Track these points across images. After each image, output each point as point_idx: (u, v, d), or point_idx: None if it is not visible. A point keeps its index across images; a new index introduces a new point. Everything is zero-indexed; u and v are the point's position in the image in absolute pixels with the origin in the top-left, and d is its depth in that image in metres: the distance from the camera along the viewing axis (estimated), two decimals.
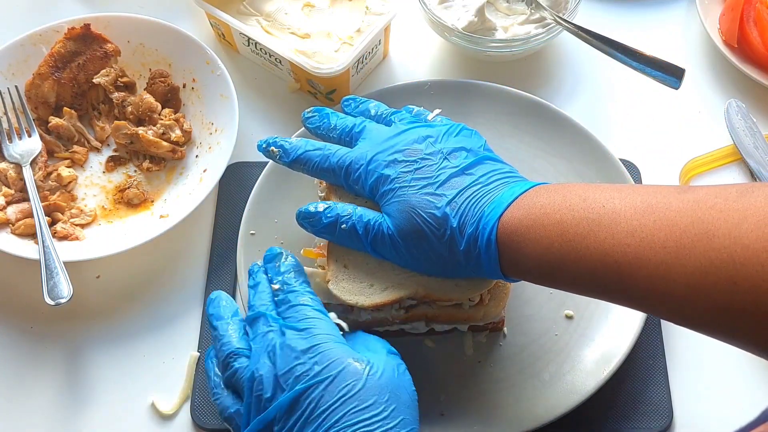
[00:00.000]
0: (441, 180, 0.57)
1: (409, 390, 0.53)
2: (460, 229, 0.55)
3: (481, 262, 0.55)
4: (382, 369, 0.52)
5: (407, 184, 0.57)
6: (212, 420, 0.65)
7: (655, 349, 0.68)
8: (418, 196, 0.56)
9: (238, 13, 0.82)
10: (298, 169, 0.64)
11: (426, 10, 0.81)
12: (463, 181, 0.57)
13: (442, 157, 0.58)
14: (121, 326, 0.71)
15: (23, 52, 0.81)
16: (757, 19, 0.82)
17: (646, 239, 0.47)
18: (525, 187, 0.55)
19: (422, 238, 0.56)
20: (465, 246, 0.55)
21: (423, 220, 0.56)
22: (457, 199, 0.55)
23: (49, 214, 0.74)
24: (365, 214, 0.59)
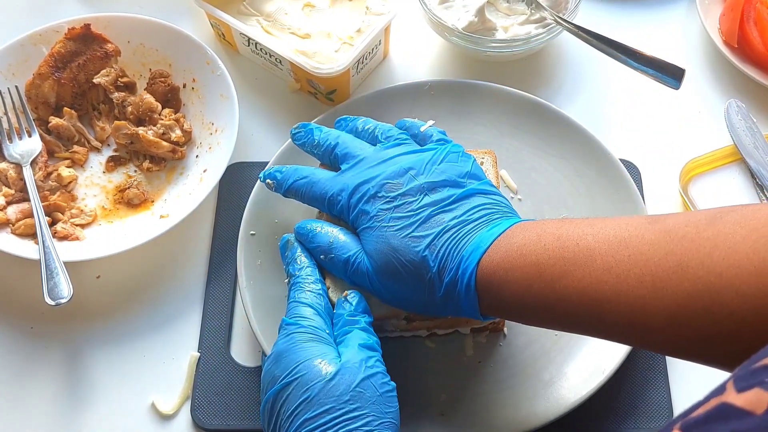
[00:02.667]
0: (421, 218, 0.56)
1: (377, 383, 0.53)
2: (440, 275, 0.54)
3: (461, 305, 0.54)
4: (346, 369, 0.52)
5: (386, 224, 0.57)
6: (212, 420, 0.65)
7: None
8: (397, 239, 0.56)
9: (238, 13, 0.82)
10: (293, 197, 0.65)
11: (426, 10, 0.81)
12: (443, 218, 0.56)
13: (423, 194, 0.57)
14: (121, 326, 0.71)
15: (23, 52, 0.81)
16: (757, 19, 0.82)
17: (623, 275, 0.47)
18: (503, 227, 0.55)
19: (401, 281, 0.56)
20: (444, 291, 0.55)
21: (401, 264, 0.55)
22: (436, 242, 0.55)
23: (49, 214, 0.74)
24: (347, 246, 0.59)
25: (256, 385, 0.67)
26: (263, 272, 0.69)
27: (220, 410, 0.66)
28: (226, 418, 0.65)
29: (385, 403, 0.52)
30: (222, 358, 0.68)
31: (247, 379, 0.67)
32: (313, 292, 0.58)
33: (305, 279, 0.59)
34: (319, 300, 0.58)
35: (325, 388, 0.51)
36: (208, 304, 0.71)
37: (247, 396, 0.66)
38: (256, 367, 0.68)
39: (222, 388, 0.67)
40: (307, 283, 0.59)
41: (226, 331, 0.70)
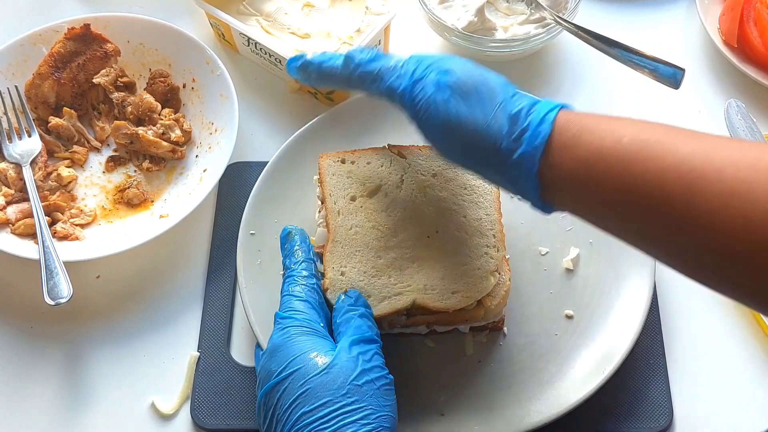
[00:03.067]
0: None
1: (375, 377, 0.52)
2: (516, 99, 0.51)
3: (524, 142, 0.49)
4: (343, 362, 0.52)
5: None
6: (212, 420, 0.65)
7: (655, 349, 0.67)
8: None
9: (238, 13, 0.82)
10: (329, 79, 0.61)
11: (426, 10, 0.81)
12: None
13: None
14: (121, 326, 0.71)
15: (23, 52, 0.81)
16: (757, 19, 0.82)
17: (719, 162, 0.43)
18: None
19: (472, 99, 0.51)
20: (516, 112, 0.50)
21: (484, 80, 0.52)
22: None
23: (49, 214, 0.74)
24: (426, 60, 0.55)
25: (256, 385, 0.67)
26: (263, 272, 0.69)
27: (220, 410, 0.66)
28: (226, 418, 0.65)
29: (383, 396, 0.52)
30: (222, 358, 0.68)
31: (247, 379, 0.67)
32: (307, 286, 0.58)
33: (299, 273, 0.59)
34: (313, 294, 0.58)
35: (322, 382, 0.51)
36: (208, 304, 0.71)
37: (247, 396, 0.66)
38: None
39: (222, 388, 0.67)
40: (302, 277, 0.59)
41: (226, 331, 0.70)
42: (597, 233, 0.71)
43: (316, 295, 0.58)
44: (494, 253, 0.62)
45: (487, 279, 0.61)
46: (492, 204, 0.65)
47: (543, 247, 0.71)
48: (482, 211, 0.65)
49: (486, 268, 0.62)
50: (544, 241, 0.71)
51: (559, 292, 0.69)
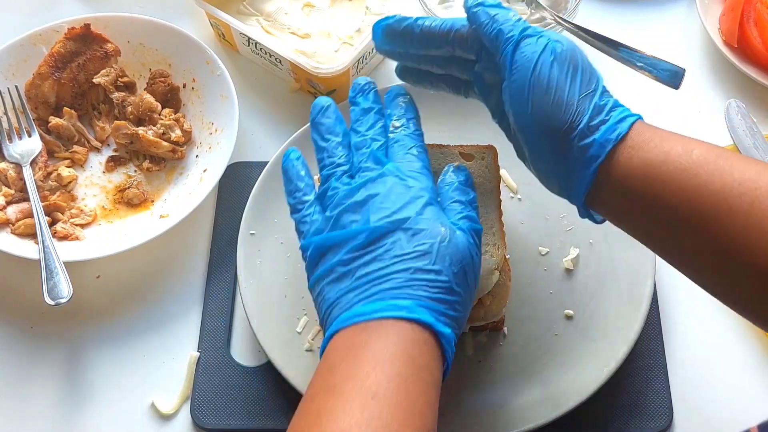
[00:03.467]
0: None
1: (475, 272, 0.53)
2: (605, 93, 0.52)
3: (599, 131, 0.50)
4: (462, 243, 0.52)
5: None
6: (212, 420, 0.65)
7: (655, 349, 0.67)
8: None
9: (238, 13, 0.82)
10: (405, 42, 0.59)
11: (426, 10, 0.81)
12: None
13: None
14: (121, 326, 0.71)
15: (23, 52, 0.81)
16: (757, 19, 0.82)
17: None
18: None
19: (574, 72, 0.52)
20: (603, 103, 0.51)
21: (587, 64, 0.53)
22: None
23: (49, 214, 0.74)
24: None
25: (257, 385, 0.67)
26: (263, 271, 0.69)
27: (220, 410, 0.66)
28: (226, 418, 0.65)
29: (473, 294, 0.53)
30: (222, 358, 0.68)
31: (247, 378, 0.67)
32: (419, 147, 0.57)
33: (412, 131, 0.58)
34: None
35: (440, 250, 0.51)
36: (208, 304, 0.71)
37: (247, 396, 0.66)
38: (256, 366, 0.68)
39: (222, 388, 0.67)
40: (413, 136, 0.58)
41: (226, 331, 0.70)
42: (597, 233, 0.71)
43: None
44: (494, 252, 0.62)
45: (487, 278, 0.61)
46: (492, 202, 0.65)
47: (543, 247, 0.71)
48: (482, 208, 0.64)
49: (486, 267, 0.61)
50: (544, 241, 0.71)
51: (559, 292, 0.69)
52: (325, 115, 0.59)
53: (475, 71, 0.58)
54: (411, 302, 0.49)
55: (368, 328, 0.48)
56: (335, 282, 0.51)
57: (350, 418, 0.44)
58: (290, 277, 0.70)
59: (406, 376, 0.46)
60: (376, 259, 0.51)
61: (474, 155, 0.68)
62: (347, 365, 0.47)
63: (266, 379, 0.67)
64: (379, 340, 0.47)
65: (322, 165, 0.57)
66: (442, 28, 0.57)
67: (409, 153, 0.56)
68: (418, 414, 0.46)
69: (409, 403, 0.45)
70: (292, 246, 0.71)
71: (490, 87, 0.57)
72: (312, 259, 0.54)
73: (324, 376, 0.48)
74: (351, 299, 0.50)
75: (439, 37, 0.57)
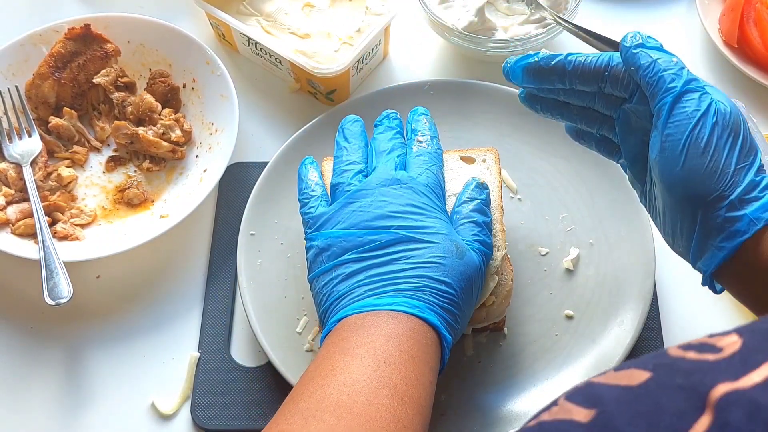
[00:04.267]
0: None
1: (478, 293, 0.57)
2: (762, 169, 0.51)
3: (751, 207, 0.49)
4: (472, 263, 0.54)
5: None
6: (212, 420, 0.65)
7: (655, 349, 0.67)
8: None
9: (238, 13, 0.82)
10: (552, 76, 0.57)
11: (426, 10, 0.81)
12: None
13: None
14: (121, 326, 0.71)
15: (23, 52, 0.81)
16: (757, 19, 0.82)
17: None
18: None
19: (735, 138, 0.51)
20: (759, 179, 0.50)
21: (748, 133, 0.52)
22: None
23: (49, 214, 0.74)
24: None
25: (257, 385, 0.67)
26: (263, 272, 0.69)
27: (220, 410, 0.66)
28: (226, 418, 0.65)
29: (470, 313, 0.57)
30: (222, 358, 0.68)
31: (247, 379, 0.67)
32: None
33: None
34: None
35: (454, 266, 0.53)
36: (208, 304, 0.71)
37: (247, 396, 0.66)
38: (256, 366, 0.68)
39: (222, 388, 0.67)
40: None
41: (226, 331, 0.70)
42: (597, 233, 0.71)
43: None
44: (495, 253, 0.62)
45: (486, 282, 0.61)
46: (493, 203, 0.65)
47: (543, 247, 0.71)
48: None
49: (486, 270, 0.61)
50: (544, 241, 0.71)
51: (559, 292, 0.69)
52: (354, 125, 0.62)
53: (622, 109, 0.56)
54: (422, 304, 0.51)
55: (380, 314, 0.51)
56: (346, 277, 0.53)
57: (364, 372, 0.47)
58: (290, 278, 0.70)
59: (414, 355, 0.49)
60: (392, 261, 0.53)
61: (475, 158, 0.68)
62: (360, 336, 0.49)
63: (266, 379, 0.67)
64: (391, 323, 0.50)
65: (339, 162, 0.60)
66: (598, 64, 0.55)
67: (428, 170, 0.58)
68: (423, 385, 0.49)
69: (416, 376, 0.48)
70: (293, 246, 0.71)
71: (634, 129, 0.55)
72: (319, 250, 0.55)
73: (336, 343, 0.50)
74: (363, 292, 0.52)
75: (593, 74, 0.55)
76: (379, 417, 0.45)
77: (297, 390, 0.48)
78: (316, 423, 0.44)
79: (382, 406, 0.46)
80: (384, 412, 0.45)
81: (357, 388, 0.46)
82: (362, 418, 0.45)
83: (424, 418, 0.48)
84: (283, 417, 0.46)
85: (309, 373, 0.49)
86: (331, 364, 0.48)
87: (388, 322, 0.50)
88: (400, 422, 0.46)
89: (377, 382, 0.47)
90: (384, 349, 0.48)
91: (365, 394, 0.46)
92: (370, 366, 0.47)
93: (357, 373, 0.47)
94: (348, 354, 0.48)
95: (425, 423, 0.48)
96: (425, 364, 0.50)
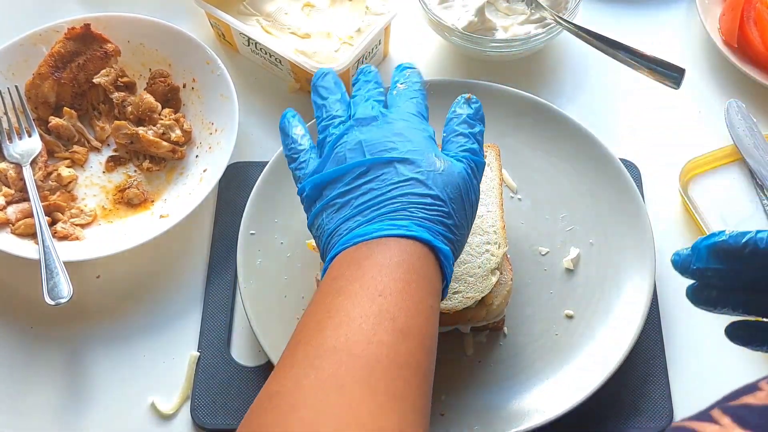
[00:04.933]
0: None
1: (472, 201, 0.54)
2: None
3: None
4: (457, 171, 0.53)
5: None
6: (212, 420, 0.65)
7: (655, 349, 0.67)
8: None
9: (238, 13, 0.82)
10: None
11: (426, 10, 0.81)
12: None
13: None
14: (121, 326, 0.71)
15: (23, 52, 0.81)
16: (757, 19, 0.82)
17: None
18: None
19: None
20: None
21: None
22: None
23: (49, 214, 0.74)
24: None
25: (257, 385, 0.66)
26: (263, 272, 0.69)
27: (220, 410, 0.66)
28: (226, 418, 0.65)
29: (471, 221, 0.55)
30: (222, 358, 0.68)
31: (247, 379, 0.67)
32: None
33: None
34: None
35: (436, 178, 0.52)
36: (208, 304, 0.71)
37: (247, 396, 0.66)
38: (256, 366, 0.68)
39: (222, 388, 0.67)
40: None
41: (226, 331, 0.70)
42: (597, 233, 0.71)
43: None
44: (495, 251, 0.62)
45: (488, 278, 0.61)
46: (494, 200, 0.65)
47: (543, 247, 0.71)
48: (483, 207, 0.64)
49: (487, 267, 0.61)
50: (544, 241, 0.71)
51: (559, 292, 0.69)
52: (325, 79, 0.61)
53: None
54: (409, 222, 0.50)
55: (369, 244, 0.50)
56: (334, 213, 0.53)
57: (360, 309, 0.45)
58: (290, 278, 0.70)
59: (408, 280, 0.48)
60: (372, 188, 0.52)
61: None
62: (352, 272, 0.48)
63: (266, 379, 0.66)
64: (381, 253, 0.49)
65: (320, 120, 0.59)
66: None
67: (408, 101, 0.58)
68: (422, 314, 0.47)
69: (413, 303, 0.47)
70: (293, 246, 0.71)
71: None
72: (310, 197, 0.55)
73: (329, 284, 0.49)
74: (350, 225, 0.51)
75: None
76: (380, 354, 0.43)
77: (294, 339, 0.47)
78: (315, 372, 0.43)
79: (381, 343, 0.44)
80: (384, 350, 0.44)
81: (353, 327, 0.44)
82: (362, 359, 0.43)
83: (426, 350, 0.47)
84: (281, 370, 0.45)
85: (305, 320, 0.48)
86: (325, 306, 0.47)
87: (378, 250, 0.49)
88: (401, 358, 0.44)
89: (374, 318, 0.45)
90: (377, 281, 0.47)
91: (363, 333, 0.44)
92: (365, 302, 0.46)
93: (353, 312, 0.46)
94: (342, 293, 0.47)
95: (428, 354, 0.47)
96: (422, 289, 0.48)
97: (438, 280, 0.51)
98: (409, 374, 0.44)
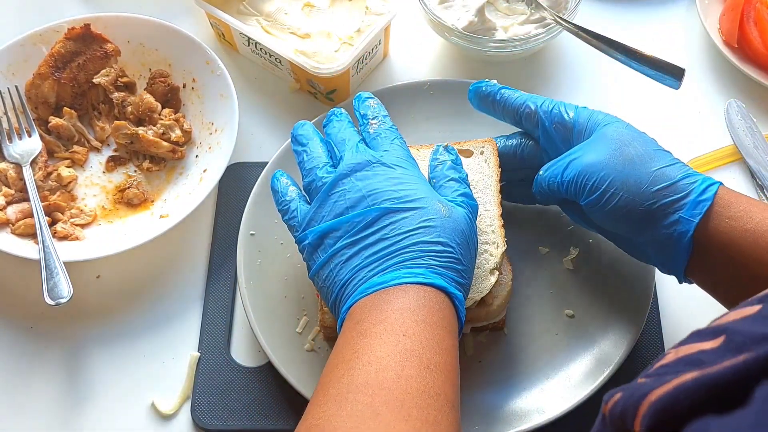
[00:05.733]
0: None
1: (475, 245, 0.57)
2: (676, 166, 0.57)
3: (685, 206, 0.55)
4: (461, 217, 0.55)
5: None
6: (212, 420, 0.65)
7: (655, 349, 0.67)
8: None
9: (238, 13, 0.82)
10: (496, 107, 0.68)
11: (426, 10, 0.81)
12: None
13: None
14: (121, 326, 0.71)
15: (23, 52, 0.81)
16: (757, 19, 0.82)
17: None
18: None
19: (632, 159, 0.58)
20: (678, 178, 0.56)
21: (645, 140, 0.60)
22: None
23: (49, 214, 0.74)
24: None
25: (257, 385, 0.67)
26: (263, 272, 0.69)
27: (220, 410, 0.66)
28: (226, 418, 0.65)
29: (474, 266, 0.57)
30: (222, 358, 0.68)
31: (247, 379, 0.67)
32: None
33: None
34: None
35: (444, 224, 0.54)
36: (208, 304, 0.71)
37: (247, 396, 0.66)
38: (256, 366, 0.68)
39: (222, 388, 0.67)
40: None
41: (226, 331, 0.70)
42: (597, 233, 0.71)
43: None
44: (494, 250, 0.62)
45: (487, 278, 0.61)
46: (491, 198, 0.65)
47: (543, 247, 0.71)
48: (481, 207, 0.64)
49: (486, 267, 0.61)
50: (544, 241, 0.71)
51: (559, 292, 0.69)
52: (303, 128, 0.63)
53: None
54: (425, 270, 0.52)
55: (388, 291, 0.51)
56: (344, 264, 0.54)
57: (387, 348, 0.47)
58: (290, 278, 0.70)
59: (430, 322, 0.50)
60: (383, 237, 0.53)
61: (473, 150, 0.67)
62: (375, 315, 0.50)
63: (266, 379, 0.67)
64: (401, 298, 0.51)
65: (303, 165, 0.60)
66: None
67: (392, 144, 0.59)
68: (445, 351, 0.49)
69: (436, 342, 0.49)
70: (292, 246, 0.71)
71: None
72: (312, 245, 0.56)
73: (353, 327, 0.50)
74: (365, 275, 0.52)
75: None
76: (409, 388, 0.45)
77: (324, 379, 0.49)
78: (350, 405, 0.45)
79: (410, 377, 0.46)
80: (414, 383, 0.46)
81: (383, 365, 0.47)
82: (394, 392, 0.45)
83: (452, 384, 0.48)
84: (316, 407, 0.47)
85: (332, 362, 0.49)
86: (352, 348, 0.49)
87: (398, 296, 0.51)
88: (431, 390, 0.46)
89: (401, 356, 0.47)
90: (400, 323, 0.49)
91: (392, 369, 0.46)
92: (390, 342, 0.48)
93: (380, 351, 0.48)
94: (367, 335, 0.49)
95: (455, 387, 0.49)
96: (443, 329, 0.50)
97: (455, 322, 0.52)
98: (439, 404, 0.46)
